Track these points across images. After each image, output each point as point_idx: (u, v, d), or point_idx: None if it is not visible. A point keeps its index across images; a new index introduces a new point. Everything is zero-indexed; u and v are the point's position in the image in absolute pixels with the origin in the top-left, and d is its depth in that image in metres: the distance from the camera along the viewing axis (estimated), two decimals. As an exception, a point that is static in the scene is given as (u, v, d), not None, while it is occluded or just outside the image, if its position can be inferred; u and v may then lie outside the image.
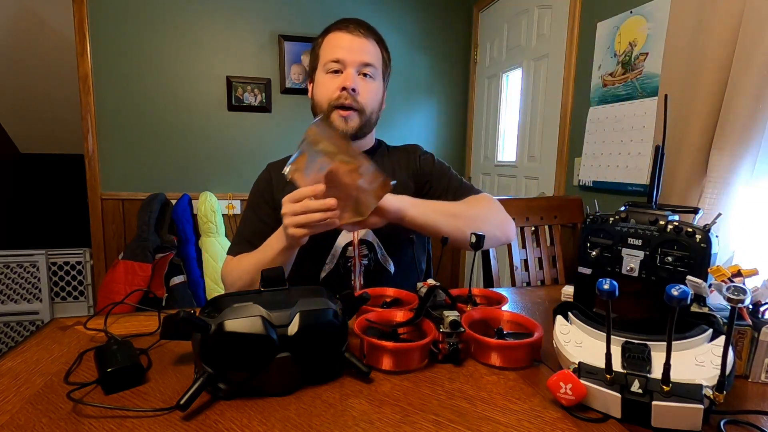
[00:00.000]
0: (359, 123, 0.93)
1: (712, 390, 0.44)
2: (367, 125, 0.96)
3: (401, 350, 0.56)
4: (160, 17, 2.26)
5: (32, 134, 3.02)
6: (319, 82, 0.95)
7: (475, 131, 2.74)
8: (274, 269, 0.59)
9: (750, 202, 1.05)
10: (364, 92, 0.93)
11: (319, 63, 0.95)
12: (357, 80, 0.91)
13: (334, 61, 0.91)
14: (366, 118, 0.94)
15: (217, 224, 2.28)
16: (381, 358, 0.57)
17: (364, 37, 0.93)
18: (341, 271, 0.95)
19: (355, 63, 0.91)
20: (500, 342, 0.59)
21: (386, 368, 0.56)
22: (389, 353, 0.56)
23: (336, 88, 0.91)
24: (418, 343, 0.57)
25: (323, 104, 0.93)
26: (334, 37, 0.94)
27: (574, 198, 1.51)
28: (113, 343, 0.57)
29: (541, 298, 0.91)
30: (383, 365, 0.57)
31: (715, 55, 1.05)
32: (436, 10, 2.64)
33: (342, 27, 0.94)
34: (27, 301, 2.37)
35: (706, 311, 0.52)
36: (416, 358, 0.58)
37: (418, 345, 0.56)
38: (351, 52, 0.91)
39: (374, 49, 0.95)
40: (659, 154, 0.60)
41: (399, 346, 0.56)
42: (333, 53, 0.92)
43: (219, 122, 2.40)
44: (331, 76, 0.92)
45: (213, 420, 0.45)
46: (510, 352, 0.59)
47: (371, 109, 0.95)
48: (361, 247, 0.95)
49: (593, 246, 0.59)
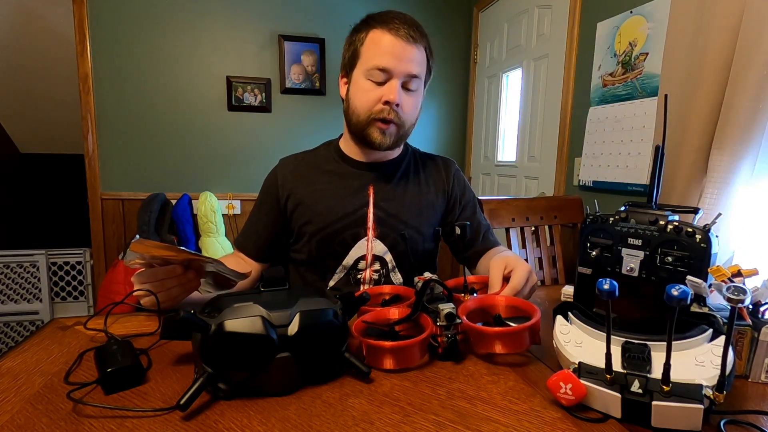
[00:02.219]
0: (396, 137, 0.89)
1: (712, 390, 0.44)
2: (404, 137, 0.92)
3: (400, 348, 0.56)
4: (160, 17, 2.26)
5: (32, 134, 3.02)
6: (359, 86, 0.86)
7: (475, 131, 2.74)
8: (274, 269, 0.59)
9: (750, 202, 1.05)
10: (407, 106, 0.87)
11: (360, 63, 0.86)
12: (402, 94, 0.85)
13: (380, 69, 0.83)
14: (404, 131, 0.90)
15: (217, 224, 2.28)
16: (381, 358, 0.57)
17: (414, 42, 0.84)
18: (351, 282, 0.93)
19: (401, 74, 0.84)
20: (497, 330, 0.58)
21: (388, 368, 0.56)
22: (389, 353, 0.56)
23: (377, 100, 0.84)
24: (415, 339, 0.56)
25: (361, 114, 0.87)
26: (380, 38, 0.84)
27: (574, 198, 1.51)
28: (113, 343, 0.57)
29: (541, 298, 0.91)
30: (384, 365, 0.56)
31: (715, 55, 1.05)
32: (436, 10, 2.64)
33: (392, 28, 0.83)
34: (27, 301, 2.37)
35: (706, 311, 0.52)
36: (416, 354, 0.57)
37: (415, 341, 0.56)
38: (399, 61, 0.83)
39: (422, 57, 0.87)
40: (659, 154, 0.60)
41: (397, 344, 0.56)
42: (379, 60, 0.83)
43: (219, 122, 2.40)
44: (373, 84, 0.85)
45: (213, 420, 0.45)
46: (509, 338, 0.58)
47: (410, 123, 0.91)
48: (374, 263, 0.93)
49: (593, 246, 0.59)
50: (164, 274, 0.67)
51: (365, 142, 0.89)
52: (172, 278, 0.68)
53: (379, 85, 0.85)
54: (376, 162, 0.96)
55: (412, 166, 1.00)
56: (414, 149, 1.05)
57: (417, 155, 1.04)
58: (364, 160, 0.96)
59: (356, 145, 0.95)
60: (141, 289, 0.67)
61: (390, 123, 0.86)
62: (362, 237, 0.92)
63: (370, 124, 0.87)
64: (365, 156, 0.96)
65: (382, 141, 0.87)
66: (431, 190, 0.98)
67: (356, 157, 0.96)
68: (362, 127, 0.88)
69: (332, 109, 2.54)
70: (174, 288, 0.69)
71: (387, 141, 0.88)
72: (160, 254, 0.64)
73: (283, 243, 1.00)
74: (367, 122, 0.87)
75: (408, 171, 0.99)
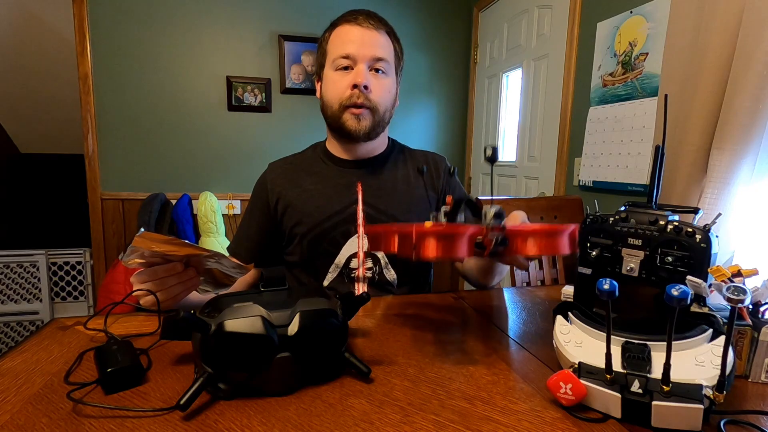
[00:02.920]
0: (372, 122, 0.89)
1: (712, 390, 0.44)
2: (380, 125, 0.91)
3: (449, 234, 0.52)
4: (161, 17, 2.26)
5: (32, 134, 3.02)
6: (329, 80, 0.89)
7: (475, 131, 2.74)
8: (274, 269, 0.59)
9: (750, 202, 1.05)
10: (376, 89, 0.88)
11: (327, 60, 0.90)
12: (369, 76, 0.86)
13: (344, 57, 0.86)
14: (379, 117, 0.89)
15: (217, 224, 2.28)
16: (426, 244, 0.52)
17: (374, 29, 0.87)
18: (345, 281, 0.93)
19: (366, 58, 0.86)
20: (542, 226, 0.57)
21: (433, 255, 0.52)
22: (436, 238, 0.52)
23: (347, 86, 0.86)
24: (465, 228, 0.53)
25: (333, 104, 0.89)
26: (342, 31, 0.88)
27: (574, 198, 1.51)
28: (113, 343, 0.57)
29: (541, 298, 0.91)
30: (428, 252, 0.52)
31: (715, 55, 1.05)
32: (436, 10, 2.64)
33: (351, 19, 0.88)
34: (27, 301, 2.37)
35: (706, 311, 0.52)
36: (463, 246, 0.54)
37: (466, 231, 0.53)
38: (361, 46, 0.85)
39: (386, 41, 0.89)
40: (659, 154, 0.59)
41: (446, 229, 0.53)
42: (342, 48, 0.86)
43: (219, 122, 2.40)
44: (340, 73, 0.87)
45: (213, 420, 0.45)
46: (551, 239, 0.56)
47: (384, 107, 0.90)
48: (366, 259, 0.93)
49: (593, 246, 0.58)
50: (164, 272, 0.67)
51: (342, 133, 0.90)
52: (172, 276, 0.68)
53: (347, 73, 0.87)
54: (362, 159, 0.97)
55: (400, 162, 1.00)
56: (402, 145, 1.05)
57: (405, 151, 1.03)
58: (350, 157, 0.96)
59: (338, 142, 0.96)
60: (141, 289, 0.67)
61: (362, 108, 0.87)
62: (353, 234, 0.92)
63: (343, 113, 0.88)
64: (350, 153, 0.96)
65: (357, 128, 0.88)
66: (421, 185, 0.98)
67: (342, 155, 0.97)
68: (336, 118, 0.89)
69: (332, 109, 2.54)
70: (174, 286, 0.68)
71: (362, 127, 0.88)
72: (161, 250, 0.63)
73: (276, 247, 1.00)
74: (339, 111, 0.88)
75: (396, 166, 0.98)
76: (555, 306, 0.62)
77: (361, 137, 0.89)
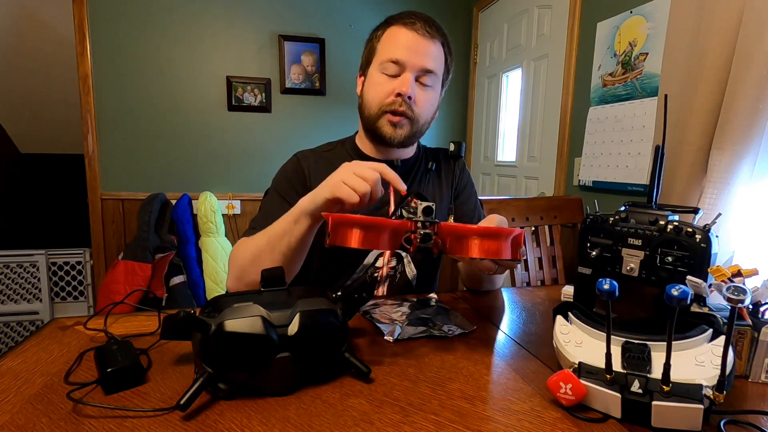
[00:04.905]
0: (409, 132, 0.87)
1: (712, 390, 0.44)
2: (417, 135, 0.90)
3: (371, 224, 0.53)
4: (160, 17, 2.26)
5: (32, 134, 3.02)
6: (373, 80, 0.87)
7: (475, 131, 2.74)
8: (274, 269, 0.59)
9: (750, 202, 1.05)
10: (420, 101, 0.85)
11: (375, 59, 0.87)
12: (414, 87, 0.84)
13: (393, 62, 0.83)
14: (417, 128, 0.88)
15: (217, 224, 2.28)
16: (348, 232, 0.53)
17: (429, 38, 0.84)
18: (367, 279, 0.92)
19: (415, 67, 0.83)
20: (480, 227, 0.55)
21: (354, 245, 0.53)
22: (359, 227, 0.53)
23: (390, 92, 0.84)
24: (388, 220, 0.54)
25: (373, 107, 0.86)
26: (396, 33, 0.84)
27: (574, 198, 1.51)
28: (113, 343, 0.57)
29: (541, 298, 0.91)
30: (351, 241, 0.53)
31: (715, 55, 1.05)
32: (436, 10, 2.64)
33: (408, 23, 0.84)
34: (27, 301, 2.37)
35: (706, 311, 0.52)
36: (386, 238, 0.55)
37: (389, 223, 0.53)
38: (414, 54, 0.83)
39: (439, 52, 0.86)
40: (659, 154, 0.60)
41: (369, 220, 0.53)
42: (393, 52, 0.83)
43: (219, 122, 2.40)
44: (386, 77, 0.84)
45: (213, 420, 0.45)
46: (487, 241, 0.54)
47: (424, 120, 0.89)
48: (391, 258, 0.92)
49: (593, 246, 0.58)
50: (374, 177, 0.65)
51: (377, 137, 0.89)
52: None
53: (393, 79, 0.84)
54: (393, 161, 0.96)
55: (423, 164, 0.99)
56: (424, 147, 1.04)
57: (427, 152, 1.03)
58: (381, 158, 0.94)
59: (370, 142, 0.94)
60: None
61: (401, 116, 0.85)
62: None
63: (381, 117, 0.86)
64: (381, 154, 0.95)
65: (392, 135, 0.86)
66: (443, 184, 0.98)
67: (373, 155, 0.95)
68: (373, 120, 0.87)
69: (332, 109, 2.54)
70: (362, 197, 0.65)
71: (398, 135, 0.86)
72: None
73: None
74: (378, 115, 0.86)
75: (424, 169, 0.98)
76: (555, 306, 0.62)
77: (395, 144, 0.88)
